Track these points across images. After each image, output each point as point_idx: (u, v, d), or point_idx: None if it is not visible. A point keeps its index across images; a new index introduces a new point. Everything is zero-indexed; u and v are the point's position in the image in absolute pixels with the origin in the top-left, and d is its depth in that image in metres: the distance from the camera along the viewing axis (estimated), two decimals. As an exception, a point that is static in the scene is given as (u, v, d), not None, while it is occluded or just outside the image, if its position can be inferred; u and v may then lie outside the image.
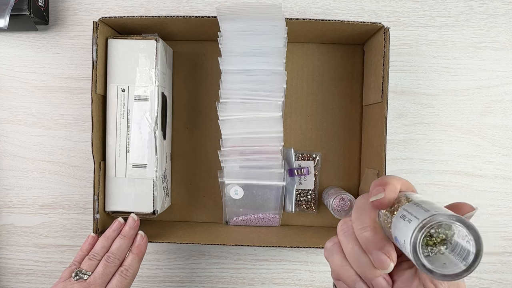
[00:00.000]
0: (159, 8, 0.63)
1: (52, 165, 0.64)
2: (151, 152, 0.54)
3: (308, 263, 0.64)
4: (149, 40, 0.53)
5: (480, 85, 0.62)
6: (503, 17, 0.62)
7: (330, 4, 0.62)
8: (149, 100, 0.54)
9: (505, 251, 0.63)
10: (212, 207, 0.63)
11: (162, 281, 0.65)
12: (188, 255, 0.65)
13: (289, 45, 0.58)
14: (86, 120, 0.63)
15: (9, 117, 0.64)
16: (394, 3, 0.62)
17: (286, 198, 0.60)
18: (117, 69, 0.54)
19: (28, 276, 0.65)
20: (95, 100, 0.52)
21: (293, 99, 0.62)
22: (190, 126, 0.63)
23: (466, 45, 0.62)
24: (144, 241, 0.51)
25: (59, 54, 0.63)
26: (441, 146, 0.63)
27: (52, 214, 0.64)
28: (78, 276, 0.47)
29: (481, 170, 0.63)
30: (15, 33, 0.63)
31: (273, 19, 0.51)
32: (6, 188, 0.64)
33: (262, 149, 0.54)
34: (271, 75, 0.53)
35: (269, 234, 0.57)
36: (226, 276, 0.64)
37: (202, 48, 0.62)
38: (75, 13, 0.63)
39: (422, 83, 0.62)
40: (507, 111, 0.62)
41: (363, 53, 0.61)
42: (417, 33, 0.62)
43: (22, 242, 0.65)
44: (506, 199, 0.63)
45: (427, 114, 0.62)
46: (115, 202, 0.55)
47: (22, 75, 0.64)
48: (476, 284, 0.64)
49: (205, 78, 0.62)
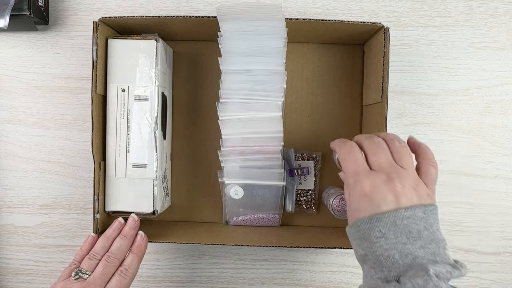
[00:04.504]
0: (159, 8, 0.63)
1: (52, 165, 0.64)
2: (151, 152, 0.54)
3: (308, 263, 0.64)
4: (149, 40, 0.53)
5: (480, 85, 0.62)
6: (503, 17, 0.62)
7: (330, 4, 0.62)
8: (149, 100, 0.54)
9: (505, 251, 0.63)
10: (212, 207, 0.63)
11: (162, 281, 0.65)
12: (188, 255, 0.65)
13: (289, 45, 0.58)
14: (86, 120, 0.63)
15: (9, 117, 0.64)
16: (394, 3, 0.62)
17: (286, 198, 0.60)
18: (117, 69, 0.54)
19: (28, 276, 0.65)
20: (95, 100, 0.52)
21: (293, 99, 0.62)
22: (190, 126, 0.63)
23: (466, 45, 0.62)
24: (144, 241, 0.52)
25: (59, 54, 0.63)
26: (441, 146, 0.63)
27: (52, 214, 0.64)
28: (78, 276, 0.47)
29: (481, 170, 0.63)
30: (15, 33, 0.63)
31: (273, 19, 0.51)
32: (6, 188, 0.64)
33: (262, 149, 0.54)
34: (271, 75, 0.53)
35: (269, 234, 0.57)
36: (226, 276, 0.64)
37: (202, 48, 0.62)
38: (75, 13, 0.63)
39: (422, 83, 0.62)
40: (507, 111, 0.62)
41: (363, 53, 0.61)
42: (417, 33, 0.62)
43: (22, 242, 0.65)
44: (506, 199, 0.63)
45: (427, 114, 0.62)
46: (115, 202, 0.55)
47: (22, 75, 0.64)
48: (476, 284, 0.64)
49: (205, 78, 0.62)
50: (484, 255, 0.63)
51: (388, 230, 0.39)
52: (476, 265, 0.63)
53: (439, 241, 0.39)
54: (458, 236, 0.63)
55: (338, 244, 0.53)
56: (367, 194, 0.40)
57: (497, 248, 0.63)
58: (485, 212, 0.63)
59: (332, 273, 0.64)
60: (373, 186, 0.40)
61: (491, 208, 0.63)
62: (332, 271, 0.64)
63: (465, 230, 0.63)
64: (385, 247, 0.39)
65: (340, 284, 0.64)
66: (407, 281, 0.36)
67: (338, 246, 0.53)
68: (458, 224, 0.63)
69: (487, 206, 0.63)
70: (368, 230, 0.40)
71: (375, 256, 0.39)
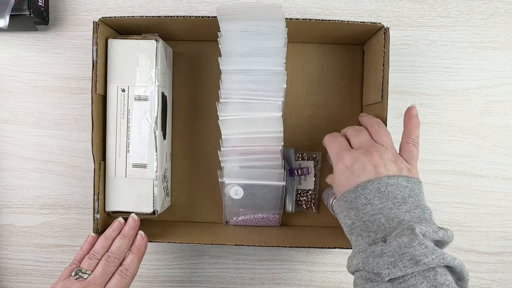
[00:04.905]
0: (159, 8, 0.63)
1: (52, 165, 0.64)
2: (151, 152, 0.54)
3: (308, 263, 0.64)
4: (149, 40, 0.53)
5: (480, 85, 0.62)
6: (503, 17, 0.62)
7: (330, 4, 0.62)
8: (149, 100, 0.54)
9: (505, 251, 0.63)
10: (212, 207, 0.63)
11: (162, 281, 0.65)
12: (188, 255, 0.65)
13: (289, 45, 0.58)
14: (86, 120, 0.63)
15: (9, 117, 0.64)
16: (394, 3, 0.62)
17: (286, 198, 0.60)
18: (117, 69, 0.54)
19: (28, 276, 0.65)
20: (95, 100, 0.52)
21: (293, 99, 0.62)
22: (190, 126, 0.63)
23: (466, 45, 0.62)
24: (144, 241, 0.52)
25: (59, 54, 0.63)
26: (441, 146, 0.63)
27: (52, 214, 0.64)
28: (77, 275, 0.47)
29: (481, 170, 0.63)
30: (15, 33, 0.63)
31: (273, 19, 0.51)
32: (6, 188, 0.64)
33: (262, 149, 0.54)
34: (271, 75, 0.53)
35: (269, 234, 0.57)
36: (226, 276, 0.64)
37: (202, 48, 0.62)
38: (75, 13, 0.63)
39: (422, 83, 0.62)
40: (507, 111, 0.62)
41: (363, 53, 0.61)
42: (417, 33, 0.62)
43: (22, 242, 0.65)
44: (506, 199, 0.63)
45: (427, 114, 0.62)
46: (115, 202, 0.55)
47: (22, 75, 0.64)
48: (476, 284, 0.64)
49: (205, 78, 0.62)
50: (484, 255, 0.63)
51: (373, 196, 0.41)
52: (476, 265, 0.64)
53: (424, 208, 0.41)
54: (458, 236, 0.63)
55: (338, 244, 0.53)
56: (348, 167, 0.43)
57: (497, 248, 0.63)
58: (485, 212, 0.63)
59: (332, 273, 0.64)
60: (353, 159, 0.44)
61: (491, 208, 0.63)
62: (332, 271, 0.64)
63: (465, 230, 0.63)
64: (371, 213, 0.41)
65: (340, 284, 0.64)
66: (393, 240, 0.38)
67: (338, 246, 0.53)
68: (458, 224, 0.63)
69: (487, 206, 0.63)
70: (354, 198, 0.42)
71: (362, 223, 0.41)
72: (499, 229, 0.63)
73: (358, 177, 0.42)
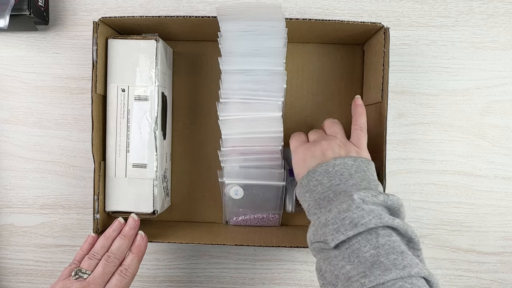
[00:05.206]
0: (159, 8, 0.63)
1: (52, 165, 0.64)
2: (151, 152, 0.54)
3: (308, 263, 0.64)
4: (149, 40, 0.53)
5: (480, 85, 0.62)
6: (503, 17, 0.62)
7: (330, 4, 0.62)
8: (149, 100, 0.54)
9: (505, 251, 0.63)
10: (212, 207, 0.63)
11: (162, 281, 0.65)
12: (188, 255, 0.65)
13: (289, 45, 0.58)
14: (86, 120, 0.63)
15: (9, 117, 0.64)
16: (394, 3, 0.62)
17: (286, 198, 0.60)
18: (117, 69, 0.54)
19: (28, 276, 0.65)
20: (95, 100, 0.52)
21: (293, 99, 0.62)
22: (190, 126, 0.63)
23: (466, 45, 0.62)
24: (144, 241, 0.52)
25: (59, 54, 0.63)
26: (441, 146, 0.63)
27: (52, 214, 0.64)
28: (77, 275, 0.47)
29: (481, 170, 0.63)
30: (15, 33, 0.63)
31: (273, 19, 0.51)
32: (6, 188, 0.64)
33: (262, 149, 0.54)
34: (271, 75, 0.53)
35: (269, 234, 0.57)
36: (226, 276, 0.64)
37: (202, 48, 0.62)
38: (75, 13, 0.63)
39: (422, 83, 0.62)
40: (507, 111, 0.62)
41: (363, 53, 0.61)
42: (417, 33, 0.62)
43: (22, 242, 0.65)
44: (506, 199, 0.63)
45: (427, 114, 0.62)
46: (115, 202, 0.55)
47: (22, 75, 0.64)
48: (476, 284, 0.64)
49: (205, 78, 0.62)
50: (484, 255, 0.63)
51: (323, 177, 0.45)
52: (476, 265, 0.64)
53: (370, 180, 0.44)
54: (458, 236, 0.63)
55: (338, 244, 0.53)
56: (302, 158, 0.48)
57: (497, 248, 0.63)
58: (485, 212, 0.63)
59: (332, 273, 0.64)
60: (306, 150, 0.48)
61: (491, 208, 0.63)
62: (332, 271, 0.64)
63: (465, 230, 0.63)
64: (321, 192, 0.44)
65: (340, 284, 0.64)
66: (334, 208, 0.41)
67: (338, 246, 0.53)
68: (458, 224, 0.63)
69: (487, 206, 0.63)
70: (307, 182, 0.46)
71: (315, 202, 0.45)
72: (499, 229, 0.63)
73: (309, 164, 0.46)
